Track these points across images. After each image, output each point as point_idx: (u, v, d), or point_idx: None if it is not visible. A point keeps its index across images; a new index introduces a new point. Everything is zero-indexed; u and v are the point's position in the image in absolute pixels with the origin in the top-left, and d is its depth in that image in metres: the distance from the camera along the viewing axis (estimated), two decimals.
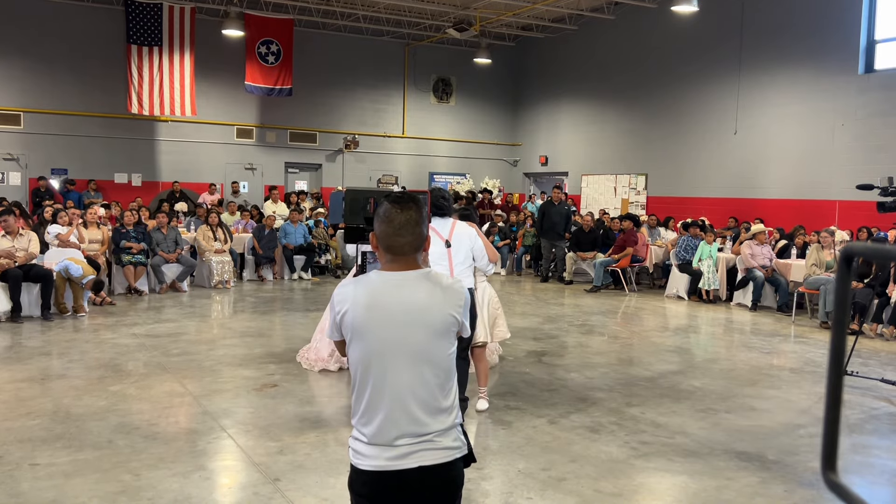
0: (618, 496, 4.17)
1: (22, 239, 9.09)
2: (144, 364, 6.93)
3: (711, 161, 15.85)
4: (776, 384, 6.80)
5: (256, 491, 4.12)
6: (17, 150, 16.62)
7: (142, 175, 17.80)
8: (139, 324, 8.90)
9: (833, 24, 13.42)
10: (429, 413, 2.21)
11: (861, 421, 5.70)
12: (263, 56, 17.83)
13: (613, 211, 17.34)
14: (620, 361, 7.59)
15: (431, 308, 2.24)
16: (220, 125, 18.55)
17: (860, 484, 4.49)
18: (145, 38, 16.64)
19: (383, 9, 17.90)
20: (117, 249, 11.01)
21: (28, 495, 3.99)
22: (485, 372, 5.78)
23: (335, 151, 20.12)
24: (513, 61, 21.88)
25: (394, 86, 20.72)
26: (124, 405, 5.64)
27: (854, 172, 12.29)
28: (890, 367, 7.52)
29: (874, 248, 0.98)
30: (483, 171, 21.56)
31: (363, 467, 2.22)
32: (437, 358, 2.24)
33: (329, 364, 6.79)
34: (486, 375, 5.80)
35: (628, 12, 17.60)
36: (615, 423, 5.47)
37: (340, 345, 2.35)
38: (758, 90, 14.78)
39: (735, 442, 5.12)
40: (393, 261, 2.29)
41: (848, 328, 1.20)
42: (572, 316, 10.23)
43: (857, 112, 13.07)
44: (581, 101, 19.65)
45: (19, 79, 16.45)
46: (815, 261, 10.18)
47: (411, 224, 2.25)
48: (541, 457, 4.73)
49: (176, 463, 4.48)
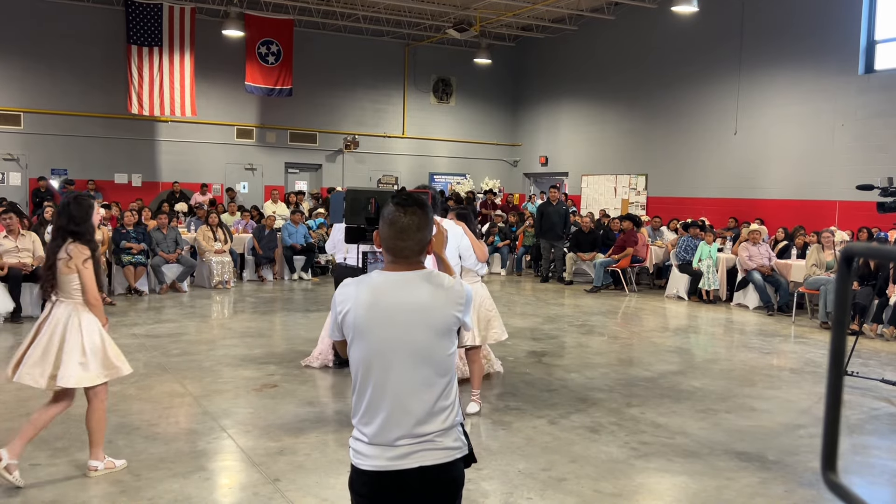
0: (618, 496, 4.17)
1: (24, 239, 9.10)
2: (144, 364, 6.92)
3: (711, 161, 15.85)
4: (776, 384, 6.80)
5: (256, 491, 4.12)
6: (17, 150, 16.62)
7: (142, 175, 17.80)
8: (139, 324, 8.90)
9: (833, 24, 13.42)
10: (429, 413, 2.22)
11: (861, 421, 5.71)
12: (263, 56, 17.83)
13: (613, 211, 17.34)
14: (620, 362, 7.59)
15: (433, 308, 2.24)
16: (220, 125, 18.56)
17: (860, 484, 4.49)
18: (145, 38, 16.64)
19: (383, 9, 17.91)
20: (117, 250, 11.01)
21: (28, 495, 3.99)
22: (478, 375, 5.70)
23: (335, 152, 20.13)
24: (513, 61, 21.88)
25: (394, 86, 20.73)
26: (124, 405, 5.64)
27: (854, 173, 12.29)
28: (890, 368, 7.52)
29: (874, 249, 0.99)
30: (483, 171, 21.56)
31: (364, 467, 2.22)
32: (437, 358, 2.24)
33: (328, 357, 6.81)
34: (479, 378, 5.72)
35: (628, 12, 17.60)
36: (615, 423, 5.47)
37: (341, 345, 2.35)
38: (758, 90, 14.78)
39: (735, 442, 5.12)
40: (395, 261, 2.29)
41: (848, 328, 1.20)
42: (572, 316, 10.22)
43: (857, 112, 13.08)
44: (581, 102, 19.65)
45: (19, 79, 16.46)
46: (816, 261, 10.18)
47: (414, 228, 2.25)
48: (541, 457, 4.73)
49: (176, 463, 4.48)
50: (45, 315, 4.19)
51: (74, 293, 4.14)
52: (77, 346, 4.08)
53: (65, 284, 4.13)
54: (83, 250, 4.11)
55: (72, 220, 4.13)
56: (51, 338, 4.07)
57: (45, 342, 4.08)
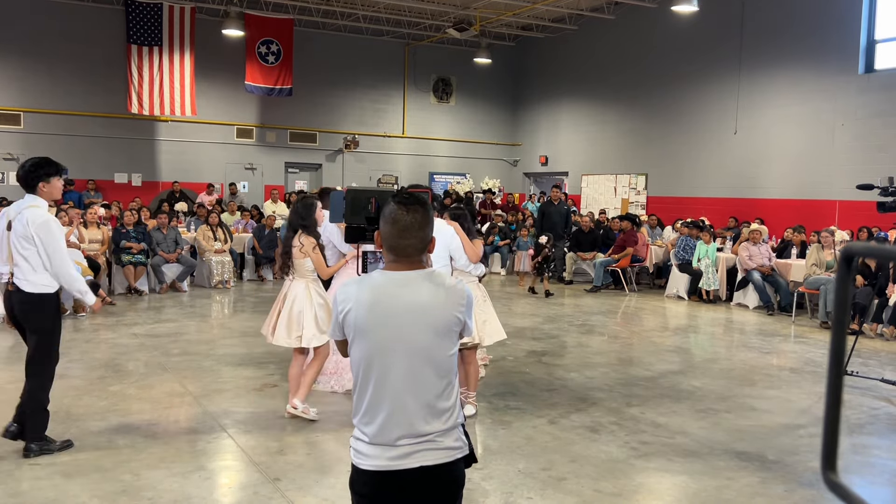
0: (618, 496, 4.17)
1: None
2: (144, 364, 6.93)
3: (711, 161, 15.85)
4: (776, 384, 6.80)
5: (256, 491, 4.12)
6: (17, 149, 16.60)
7: (142, 175, 17.79)
8: (139, 324, 8.90)
9: (833, 24, 13.42)
10: (430, 413, 2.21)
11: (861, 421, 5.71)
12: (263, 56, 17.83)
13: (613, 211, 17.34)
14: (620, 361, 7.59)
15: (434, 308, 2.24)
16: (220, 125, 18.55)
17: (860, 484, 4.49)
18: (145, 37, 16.64)
19: (383, 9, 17.91)
20: (117, 249, 11.01)
21: (28, 495, 4.00)
22: (473, 376, 5.58)
23: (335, 151, 20.12)
24: (513, 61, 21.88)
25: (394, 86, 20.72)
26: (124, 405, 5.64)
27: (854, 172, 12.28)
28: (890, 367, 7.52)
29: (874, 248, 0.99)
30: (483, 171, 21.55)
31: (364, 467, 2.22)
32: (438, 358, 2.24)
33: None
34: (474, 380, 5.59)
35: (628, 12, 17.60)
36: (615, 423, 5.47)
37: (342, 344, 2.35)
38: (758, 90, 14.78)
39: (735, 442, 5.13)
40: (396, 261, 2.29)
41: (848, 328, 1.20)
42: (572, 316, 10.23)
43: (857, 112, 13.07)
44: (581, 101, 19.65)
45: (19, 79, 16.45)
46: (816, 261, 10.18)
47: (416, 226, 2.25)
48: (541, 457, 4.73)
49: (176, 463, 4.48)
50: (284, 290, 5.44)
51: (308, 273, 5.38)
52: (311, 315, 5.28)
53: (299, 267, 5.37)
54: (311, 240, 5.31)
55: (300, 216, 5.31)
56: (291, 308, 5.29)
57: (288, 313, 5.29)
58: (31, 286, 4.41)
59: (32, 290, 4.42)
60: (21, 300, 4.46)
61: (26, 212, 4.46)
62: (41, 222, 4.40)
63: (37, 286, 4.42)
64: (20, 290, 4.44)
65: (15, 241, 4.43)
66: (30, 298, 4.44)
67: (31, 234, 4.38)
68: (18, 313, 4.55)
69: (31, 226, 4.38)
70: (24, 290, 4.43)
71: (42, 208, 4.51)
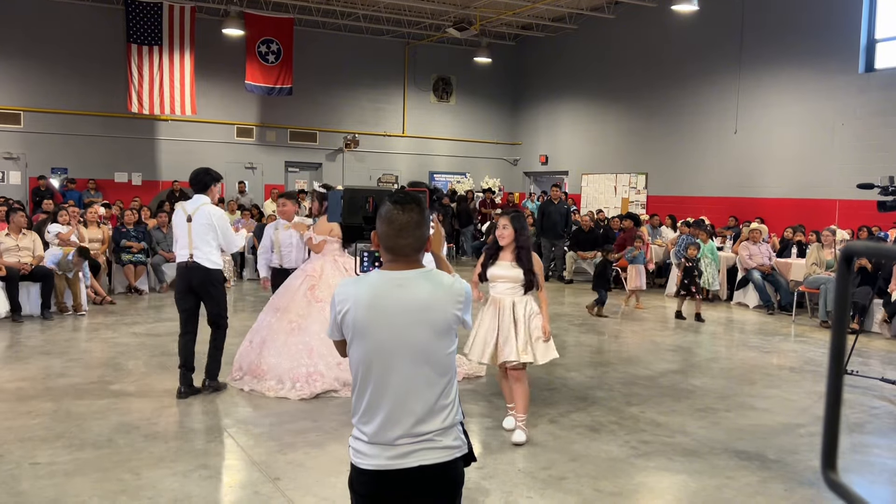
0: (618, 495, 4.17)
1: (25, 239, 9.10)
2: (144, 363, 6.93)
3: (711, 160, 15.85)
4: (776, 383, 6.80)
5: (256, 490, 4.12)
6: (18, 149, 16.61)
7: (142, 174, 17.79)
8: (139, 323, 8.90)
9: (833, 23, 13.41)
10: (429, 412, 2.21)
11: (861, 420, 5.71)
12: (263, 55, 17.83)
13: (613, 210, 17.34)
14: (620, 361, 7.59)
15: (432, 307, 2.24)
16: (220, 124, 18.55)
17: (860, 483, 4.49)
18: (145, 37, 16.63)
19: (383, 8, 17.90)
20: (117, 248, 11.01)
21: (29, 494, 4.00)
22: (525, 397, 4.93)
23: (335, 151, 20.12)
24: (513, 60, 21.87)
25: (394, 85, 20.72)
26: (124, 404, 5.64)
27: (854, 172, 12.28)
28: (890, 367, 7.52)
29: (874, 248, 0.99)
30: (483, 170, 21.55)
31: (364, 466, 2.22)
32: (437, 357, 2.24)
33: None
34: (525, 401, 4.95)
35: (628, 11, 17.60)
36: (615, 422, 5.47)
37: (340, 345, 2.35)
38: (758, 90, 14.77)
39: (735, 441, 5.13)
40: (394, 260, 2.29)
41: (848, 327, 1.20)
42: (572, 315, 10.23)
43: (857, 111, 13.07)
44: (581, 101, 19.64)
45: (19, 78, 16.44)
46: (816, 260, 10.18)
47: (412, 225, 2.25)
48: (541, 456, 4.73)
49: (176, 462, 4.48)
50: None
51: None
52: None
53: None
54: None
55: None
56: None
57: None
58: (211, 264, 5.74)
59: (212, 266, 5.74)
60: (203, 275, 5.71)
61: (204, 207, 5.79)
62: (219, 215, 5.87)
63: (215, 263, 5.77)
64: (201, 267, 5.70)
65: (197, 229, 5.70)
66: (209, 272, 5.73)
67: (214, 224, 5.75)
68: (198, 285, 5.74)
69: (213, 217, 5.75)
70: (205, 267, 5.71)
71: (212, 205, 5.89)
